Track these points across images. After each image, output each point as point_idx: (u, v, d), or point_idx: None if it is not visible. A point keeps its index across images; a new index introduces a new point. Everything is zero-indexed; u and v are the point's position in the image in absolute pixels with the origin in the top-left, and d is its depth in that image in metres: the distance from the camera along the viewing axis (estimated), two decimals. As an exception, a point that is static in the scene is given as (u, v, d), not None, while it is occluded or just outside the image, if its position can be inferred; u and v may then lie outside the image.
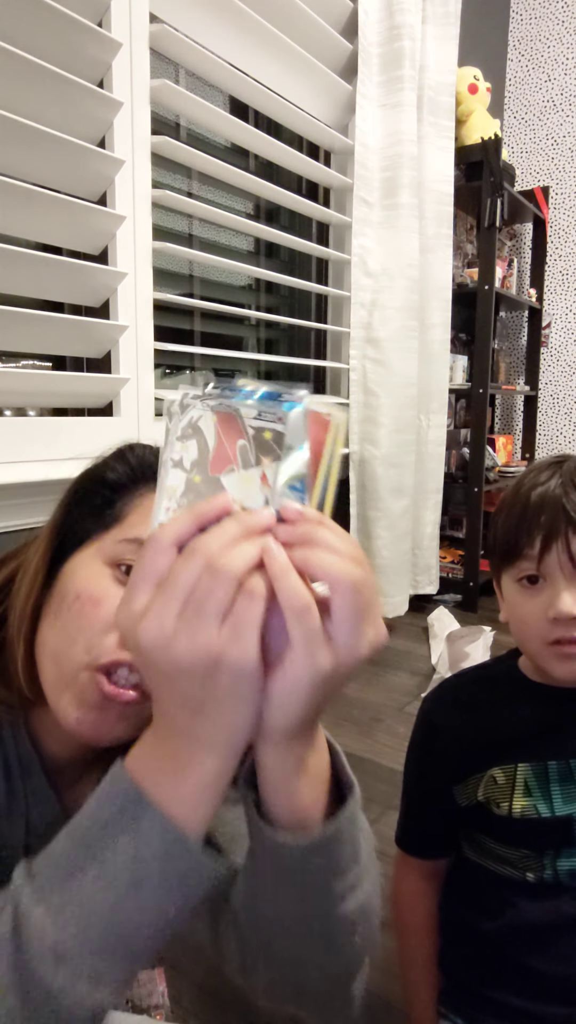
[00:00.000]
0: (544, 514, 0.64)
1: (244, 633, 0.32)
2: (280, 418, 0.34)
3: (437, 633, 2.17)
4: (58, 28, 1.11)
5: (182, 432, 0.36)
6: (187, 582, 0.32)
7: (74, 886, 0.33)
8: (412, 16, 1.92)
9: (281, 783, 0.38)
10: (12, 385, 1.13)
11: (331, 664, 0.33)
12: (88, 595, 0.47)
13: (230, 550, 0.33)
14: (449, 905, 0.78)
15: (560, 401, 3.21)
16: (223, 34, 1.53)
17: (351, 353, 2.00)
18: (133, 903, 0.34)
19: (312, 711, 0.35)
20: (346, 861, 0.41)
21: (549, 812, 0.68)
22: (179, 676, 0.33)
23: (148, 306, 1.37)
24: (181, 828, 0.34)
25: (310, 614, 0.33)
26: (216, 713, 0.34)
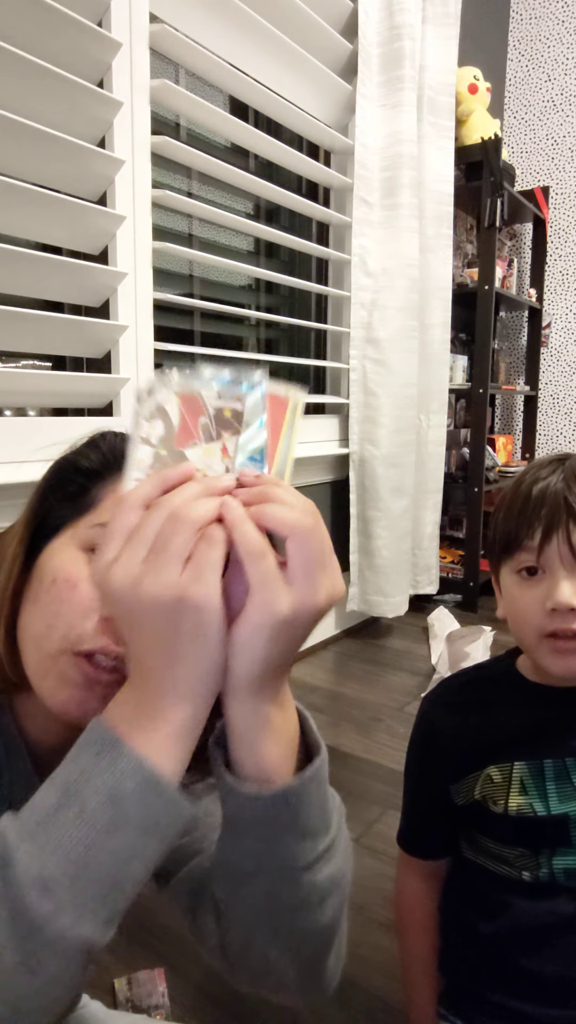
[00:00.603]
0: (545, 506, 0.64)
1: (204, 572, 0.35)
2: (239, 397, 0.39)
3: (437, 633, 2.17)
4: (58, 28, 1.11)
5: (149, 413, 0.40)
6: (152, 530, 0.36)
7: (56, 825, 0.35)
8: (412, 16, 1.92)
9: (247, 738, 0.40)
10: (12, 385, 1.13)
11: (289, 606, 0.35)
12: (64, 578, 0.48)
13: (191, 503, 0.36)
14: (448, 906, 0.78)
15: (560, 401, 3.21)
16: (223, 34, 1.53)
17: (351, 353, 2.00)
18: (112, 839, 0.35)
19: (275, 658, 0.37)
20: (314, 823, 0.42)
21: (545, 811, 0.68)
22: (146, 616, 0.35)
23: (148, 306, 1.37)
24: (156, 768, 0.36)
25: (266, 557, 0.35)
26: (183, 655, 0.36)
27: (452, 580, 2.55)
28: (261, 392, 0.39)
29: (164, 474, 0.38)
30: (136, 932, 0.95)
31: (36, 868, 0.34)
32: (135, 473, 0.40)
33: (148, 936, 0.95)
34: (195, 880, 0.52)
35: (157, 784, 0.36)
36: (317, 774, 0.42)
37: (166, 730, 0.37)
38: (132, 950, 0.93)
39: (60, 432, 1.20)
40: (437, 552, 2.40)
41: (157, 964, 0.91)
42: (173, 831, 0.38)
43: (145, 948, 0.93)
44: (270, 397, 0.39)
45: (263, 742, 0.40)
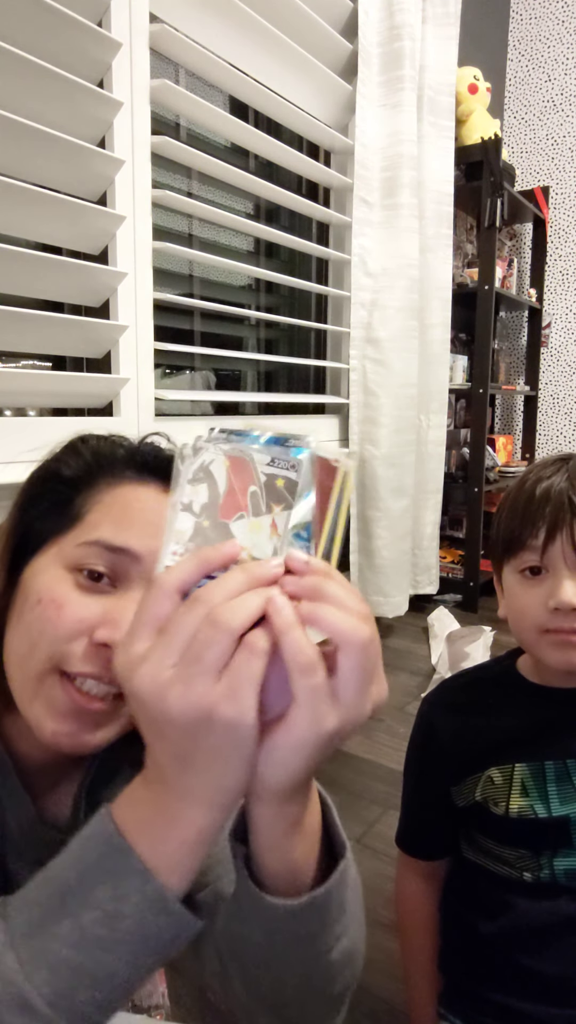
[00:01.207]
0: (549, 506, 0.64)
1: (241, 689, 0.31)
2: (293, 465, 0.34)
3: (437, 633, 2.17)
4: (58, 28, 1.11)
5: (193, 475, 0.36)
6: (187, 632, 0.32)
7: (46, 938, 0.32)
8: (412, 16, 1.92)
9: (274, 843, 0.38)
10: (12, 385, 1.13)
11: (336, 723, 0.32)
12: (49, 599, 0.46)
13: (233, 602, 0.32)
14: (448, 905, 0.78)
15: (560, 401, 3.21)
16: (223, 34, 1.53)
17: (351, 353, 2.00)
18: (104, 961, 0.33)
19: (311, 770, 0.35)
20: (334, 917, 0.40)
21: (546, 813, 0.68)
22: (170, 728, 0.32)
23: (148, 306, 1.37)
24: (162, 884, 0.33)
25: (316, 672, 0.32)
26: (206, 769, 0.33)
27: (452, 580, 2.55)
28: (310, 457, 0.35)
29: (205, 555, 0.34)
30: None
31: (18, 985, 0.31)
32: (173, 546, 0.36)
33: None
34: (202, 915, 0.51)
35: (162, 902, 0.34)
36: (342, 876, 0.40)
37: (180, 839, 0.34)
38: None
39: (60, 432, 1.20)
40: (437, 552, 2.40)
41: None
42: (177, 945, 0.35)
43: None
44: (319, 462, 0.35)
45: (290, 846, 0.38)
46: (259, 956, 0.41)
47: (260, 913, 0.39)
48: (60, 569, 0.47)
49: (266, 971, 0.42)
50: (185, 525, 0.36)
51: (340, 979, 0.43)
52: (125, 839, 0.34)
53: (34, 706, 0.46)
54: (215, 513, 0.35)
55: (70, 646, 0.45)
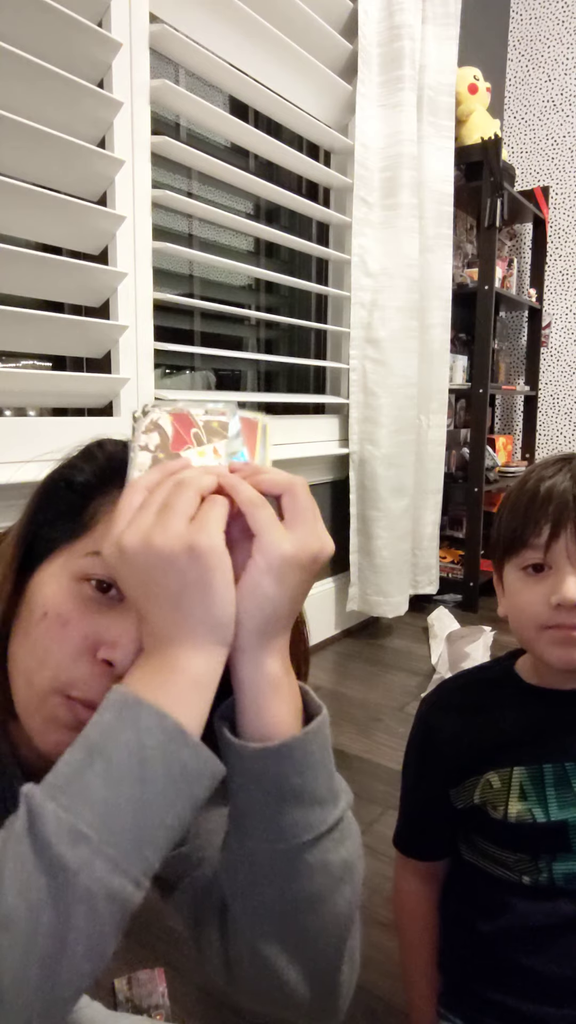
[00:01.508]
0: (552, 504, 0.65)
1: (209, 524, 0.39)
2: (223, 412, 0.47)
3: (437, 633, 2.17)
4: (58, 28, 1.11)
5: (145, 428, 0.45)
6: (161, 496, 0.40)
7: (83, 781, 0.35)
8: (412, 16, 1.92)
9: (254, 697, 0.41)
10: (12, 385, 1.13)
11: (291, 545, 0.40)
12: (55, 614, 0.45)
13: (194, 471, 0.42)
14: (448, 906, 0.78)
15: (560, 401, 3.21)
16: (223, 34, 1.53)
17: (351, 353, 2.00)
18: (142, 792, 0.35)
19: (281, 603, 0.40)
20: (321, 789, 0.42)
21: (545, 817, 0.68)
22: (156, 569, 0.38)
23: (148, 306, 1.37)
24: (178, 720, 0.37)
25: (266, 505, 0.40)
26: (194, 603, 0.38)
27: (452, 580, 2.55)
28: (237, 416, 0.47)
29: (166, 464, 0.43)
30: (137, 932, 0.95)
31: (67, 821, 0.33)
32: (136, 473, 0.44)
33: (148, 936, 0.95)
34: (198, 890, 0.50)
35: (181, 735, 0.37)
36: (319, 730, 0.42)
37: (184, 681, 0.38)
38: (132, 950, 0.93)
39: (60, 432, 1.20)
40: (437, 552, 2.40)
41: (157, 964, 0.91)
42: (203, 783, 0.38)
43: (145, 948, 0.93)
44: (243, 421, 0.47)
45: (269, 701, 0.41)
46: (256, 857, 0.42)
47: (245, 771, 0.41)
48: (67, 579, 0.47)
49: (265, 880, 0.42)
50: (144, 459, 0.44)
51: (340, 897, 0.43)
52: (136, 693, 0.37)
53: (35, 719, 0.46)
54: (167, 448, 0.45)
55: (75, 665, 0.45)
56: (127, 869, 0.34)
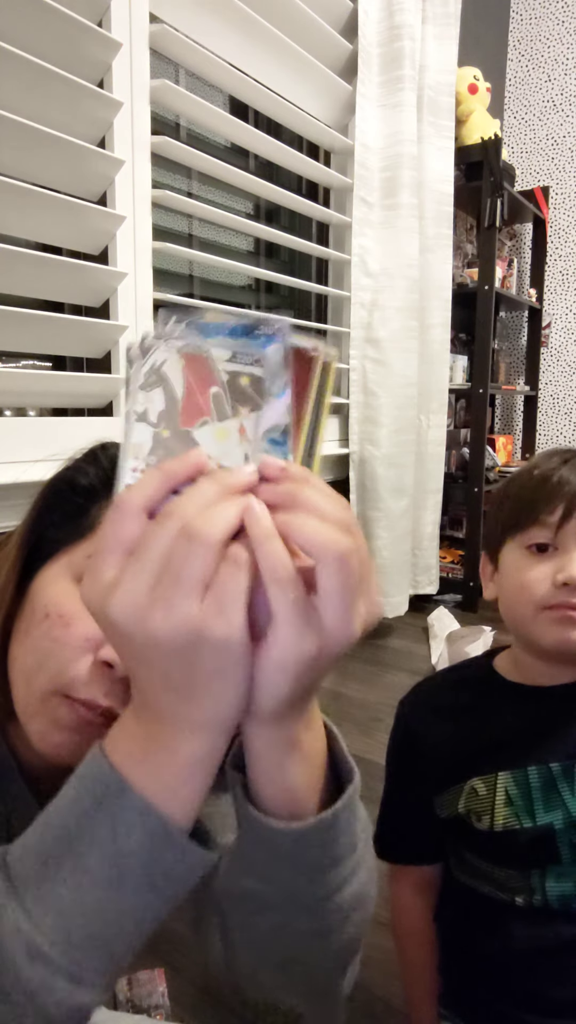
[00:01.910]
0: (566, 486, 0.65)
1: (228, 605, 0.28)
2: (258, 359, 0.30)
3: (437, 633, 2.17)
4: (58, 28, 1.11)
5: (145, 379, 0.32)
6: (161, 549, 0.29)
7: (49, 883, 0.31)
8: (412, 16, 1.92)
9: (271, 763, 0.35)
10: (12, 385, 1.13)
11: (317, 643, 0.30)
12: (57, 614, 0.44)
13: (208, 512, 0.29)
14: (445, 924, 0.77)
15: (560, 401, 3.21)
16: (223, 34, 1.53)
17: (351, 353, 2.00)
18: (113, 900, 0.31)
19: (303, 690, 0.32)
20: (342, 851, 0.38)
21: (531, 822, 0.66)
22: (157, 654, 0.29)
23: (148, 306, 1.37)
24: (165, 816, 0.32)
25: (294, 586, 0.29)
26: (201, 693, 0.30)
27: (452, 580, 2.55)
28: (283, 348, 0.30)
29: (169, 468, 0.31)
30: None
31: (26, 932, 0.30)
32: (131, 462, 0.32)
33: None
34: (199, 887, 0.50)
35: (167, 834, 0.32)
36: (350, 802, 0.38)
37: (178, 766, 0.32)
38: (132, 950, 0.93)
39: (60, 432, 1.20)
40: (437, 552, 2.40)
41: (157, 964, 0.91)
42: (188, 882, 0.33)
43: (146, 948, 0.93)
44: (294, 353, 0.30)
45: (288, 767, 0.35)
46: (263, 898, 0.39)
47: (260, 843, 0.37)
48: (69, 581, 0.46)
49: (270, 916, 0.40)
50: (142, 437, 0.32)
51: (349, 925, 0.40)
52: (120, 774, 0.32)
53: (35, 721, 0.45)
54: (175, 420, 0.31)
55: (76, 665, 0.44)
56: (93, 981, 0.31)
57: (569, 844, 0.66)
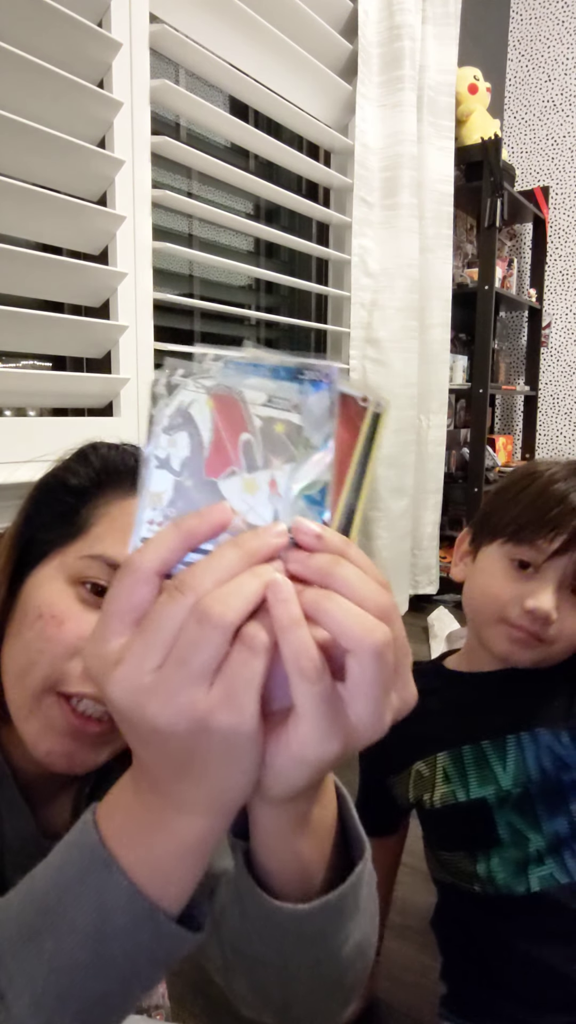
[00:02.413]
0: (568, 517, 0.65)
1: (239, 695, 0.26)
2: (296, 405, 0.27)
3: (437, 633, 2.17)
4: (58, 28, 1.11)
5: (169, 422, 0.28)
6: (170, 627, 0.26)
7: (28, 958, 0.29)
8: (412, 16, 1.92)
9: (278, 840, 0.34)
10: (12, 385, 1.13)
11: (342, 739, 0.27)
12: (50, 614, 0.44)
13: (226, 588, 0.26)
14: (442, 924, 0.79)
15: (560, 401, 3.21)
16: (223, 34, 1.53)
17: (351, 353, 2.00)
18: (93, 985, 0.29)
19: (315, 781, 0.30)
20: (347, 917, 0.37)
21: (465, 796, 0.69)
22: (157, 738, 0.27)
23: (148, 306, 1.37)
24: (153, 900, 0.29)
25: (320, 680, 0.26)
26: (204, 777, 0.28)
27: (452, 580, 2.54)
28: (330, 395, 0.27)
29: (188, 525, 0.27)
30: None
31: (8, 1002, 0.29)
32: (148, 513, 0.28)
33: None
34: None
35: (152, 922, 0.30)
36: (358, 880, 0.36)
37: (173, 848, 0.30)
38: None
39: (60, 432, 1.20)
40: (437, 552, 2.40)
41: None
42: (171, 963, 0.32)
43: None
44: (342, 402, 0.27)
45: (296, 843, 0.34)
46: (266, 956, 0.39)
47: (265, 917, 0.36)
48: (62, 582, 0.45)
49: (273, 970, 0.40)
50: (163, 486, 0.28)
51: (351, 972, 0.40)
52: (109, 851, 0.30)
53: (30, 723, 0.45)
54: (199, 469, 0.28)
55: (69, 664, 0.44)
56: None
57: (507, 824, 0.67)
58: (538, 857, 0.67)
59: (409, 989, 0.88)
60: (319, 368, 0.27)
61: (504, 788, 0.67)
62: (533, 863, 0.67)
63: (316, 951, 0.38)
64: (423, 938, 0.92)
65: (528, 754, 0.68)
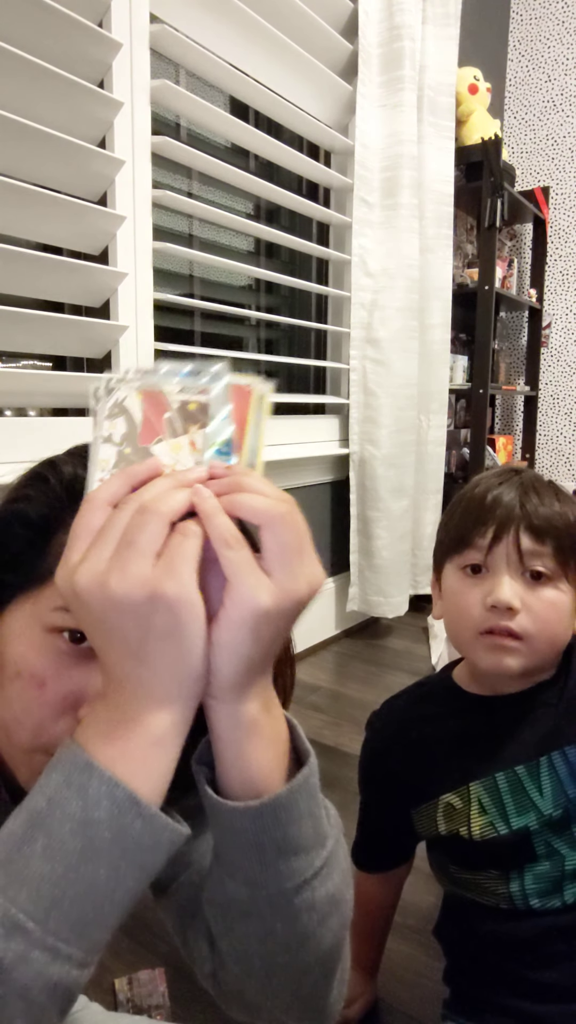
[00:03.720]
0: (499, 509, 0.66)
1: (179, 566, 0.32)
2: (203, 391, 0.37)
3: (437, 633, 2.17)
4: (58, 28, 1.11)
5: (109, 412, 0.38)
6: (119, 526, 0.33)
7: (22, 858, 0.32)
8: (412, 16, 1.92)
9: (233, 746, 0.37)
10: (12, 385, 1.13)
11: (270, 597, 0.33)
12: (29, 674, 0.41)
13: (162, 494, 0.34)
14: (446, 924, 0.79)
15: (560, 401, 3.21)
16: (223, 34, 1.53)
17: (351, 353, 2.00)
18: (85, 871, 0.32)
19: (259, 655, 0.35)
20: (307, 837, 0.39)
21: (507, 828, 0.68)
22: (115, 616, 0.32)
23: (148, 306, 1.37)
24: (132, 789, 0.33)
25: (242, 545, 0.33)
26: (159, 655, 0.33)
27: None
28: (223, 383, 0.38)
29: (130, 470, 0.36)
30: (137, 932, 0.95)
31: (1, 907, 0.30)
32: (99, 474, 0.37)
33: (149, 936, 0.95)
34: (185, 896, 0.47)
35: (134, 805, 0.33)
36: (307, 782, 0.38)
37: (143, 740, 0.33)
38: (133, 950, 0.93)
39: (60, 432, 1.20)
40: (437, 552, 2.40)
41: (158, 964, 0.91)
42: (159, 854, 0.34)
43: (146, 948, 0.93)
44: (234, 388, 0.38)
45: (250, 748, 0.37)
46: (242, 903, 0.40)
47: (226, 829, 0.38)
48: (38, 632, 0.42)
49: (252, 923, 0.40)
50: (107, 454, 0.37)
51: (326, 930, 0.41)
52: (88, 753, 0.33)
53: (20, 772, 0.44)
54: (135, 440, 0.37)
55: (55, 726, 0.42)
56: (70, 954, 0.31)
57: (544, 843, 0.67)
58: (574, 874, 0.67)
59: (409, 988, 0.88)
60: (211, 367, 0.38)
61: (545, 813, 0.67)
62: (569, 879, 0.67)
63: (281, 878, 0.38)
64: (423, 938, 0.92)
65: (562, 773, 0.68)
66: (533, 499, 0.67)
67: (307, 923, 0.40)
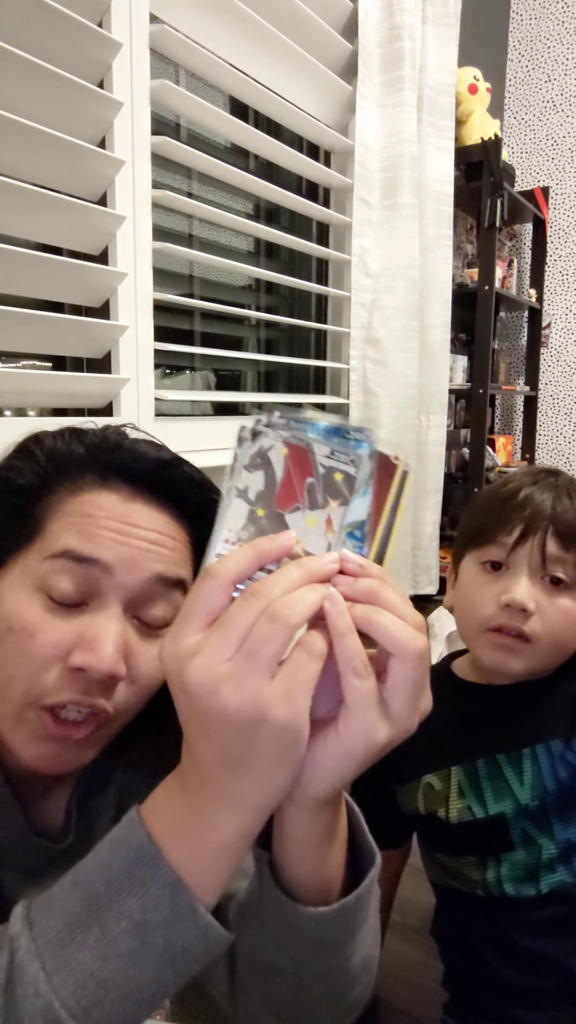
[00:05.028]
0: (529, 509, 0.66)
1: (296, 691, 0.30)
2: (353, 460, 0.34)
3: (437, 633, 2.17)
4: (58, 28, 1.11)
5: (251, 461, 0.34)
6: (244, 625, 0.30)
7: (73, 947, 0.31)
8: (412, 16, 1.92)
9: (309, 850, 0.36)
10: (12, 385, 1.13)
11: (387, 733, 0.32)
12: (21, 627, 0.43)
13: (292, 596, 0.31)
14: (443, 931, 0.79)
15: (560, 401, 3.21)
16: (223, 34, 1.53)
17: (351, 353, 2.00)
18: (132, 974, 0.32)
19: (353, 776, 0.34)
20: (360, 924, 0.39)
21: (483, 812, 0.68)
22: (221, 726, 0.30)
23: (148, 306, 1.37)
24: (193, 895, 0.32)
25: (369, 674, 0.32)
26: (253, 771, 0.31)
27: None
28: (370, 452, 0.34)
29: (261, 547, 0.33)
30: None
31: (45, 996, 0.30)
32: (225, 533, 0.34)
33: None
34: None
35: (193, 913, 0.32)
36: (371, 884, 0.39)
37: (214, 846, 0.33)
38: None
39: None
40: (437, 552, 2.40)
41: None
42: (203, 962, 0.34)
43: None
44: (378, 459, 0.34)
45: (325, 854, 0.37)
46: (282, 964, 0.40)
47: (288, 922, 0.38)
48: (28, 590, 0.44)
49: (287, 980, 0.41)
50: (239, 512, 0.34)
51: (357, 985, 0.42)
52: (156, 845, 0.32)
53: (16, 734, 0.45)
54: (271, 502, 0.34)
55: (47, 676, 0.43)
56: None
57: (520, 831, 0.67)
58: (549, 864, 0.67)
59: (409, 988, 0.88)
60: (362, 430, 0.34)
61: (522, 802, 0.67)
62: (544, 869, 0.67)
63: (329, 959, 0.39)
64: (423, 938, 0.92)
65: (544, 766, 0.68)
66: (565, 503, 0.66)
67: (340, 982, 0.41)
